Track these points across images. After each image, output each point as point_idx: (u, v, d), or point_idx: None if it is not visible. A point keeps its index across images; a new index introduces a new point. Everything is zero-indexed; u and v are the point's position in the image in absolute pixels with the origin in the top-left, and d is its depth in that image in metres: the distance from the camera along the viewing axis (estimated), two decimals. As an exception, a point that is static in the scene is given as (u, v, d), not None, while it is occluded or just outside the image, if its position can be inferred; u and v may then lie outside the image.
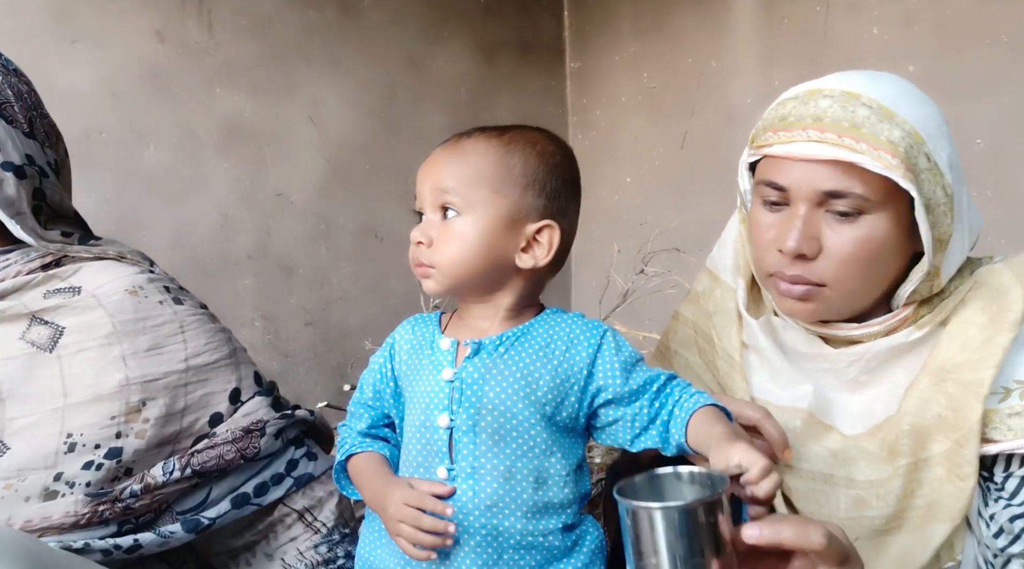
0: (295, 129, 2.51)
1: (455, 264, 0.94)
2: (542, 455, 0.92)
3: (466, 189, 0.93)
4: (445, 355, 0.95)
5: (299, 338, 2.52)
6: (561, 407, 0.93)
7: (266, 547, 1.09)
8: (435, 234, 0.94)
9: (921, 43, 2.10)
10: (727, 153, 2.69)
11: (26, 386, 1.00)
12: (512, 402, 0.92)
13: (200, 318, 1.10)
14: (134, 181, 2.21)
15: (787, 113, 0.97)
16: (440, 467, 0.92)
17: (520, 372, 0.93)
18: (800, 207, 0.96)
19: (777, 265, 0.99)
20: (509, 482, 0.91)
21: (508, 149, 0.95)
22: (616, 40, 3.02)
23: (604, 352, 0.94)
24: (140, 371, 1.02)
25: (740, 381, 1.08)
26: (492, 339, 0.95)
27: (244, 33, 2.40)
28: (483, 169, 0.94)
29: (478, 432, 0.91)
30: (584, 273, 3.17)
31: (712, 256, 1.21)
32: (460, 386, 0.93)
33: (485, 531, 0.90)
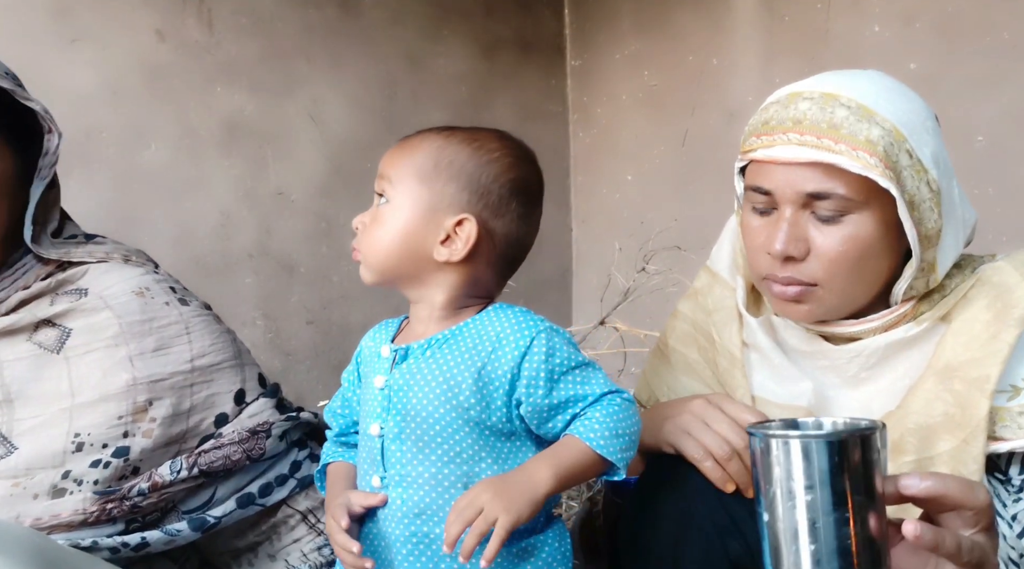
0: (296, 128, 2.51)
1: (376, 250, 0.97)
2: (470, 461, 0.89)
3: (396, 177, 0.96)
4: (384, 362, 0.96)
5: (300, 337, 2.52)
6: (488, 411, 0.90)
7: (269, 548, 1.10)
8: (368, 220, 0.99)
9: (922, 41, 2.10)
10: (728, 151, 2.69)
11: (34, 387, 1.01)
12: (434, 407, 0.90)
13: (205, 319, 1.11)
14: (135, 180, 2.21)
15: (769, 117, 0.99)
16: (375, 476, 0.92)
17: (442, 376, 0.91)
18: (786, 210, 0.98)
19: (769, 268, 1.01)
20: (436, 489, 0.89)
21: (446, 143, 0.97)
22: (617, 38, 3.02)
23: (532, 356, 0.89)
24: (147, 371, 1.03)
25: (740, 378, 1.08)
26: (420, 343, 0.94)
27: (244, 32, 2.40)
28: (416, 160, 0.96)
29: (404, 439, 0.90)
30: (585, 272, 3.17)
31: (712, 255, 1.23)
32: (389, 394, 0.92)
33: (416, 539, 0.88)
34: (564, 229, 3.20)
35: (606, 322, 2.19)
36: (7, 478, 0.96)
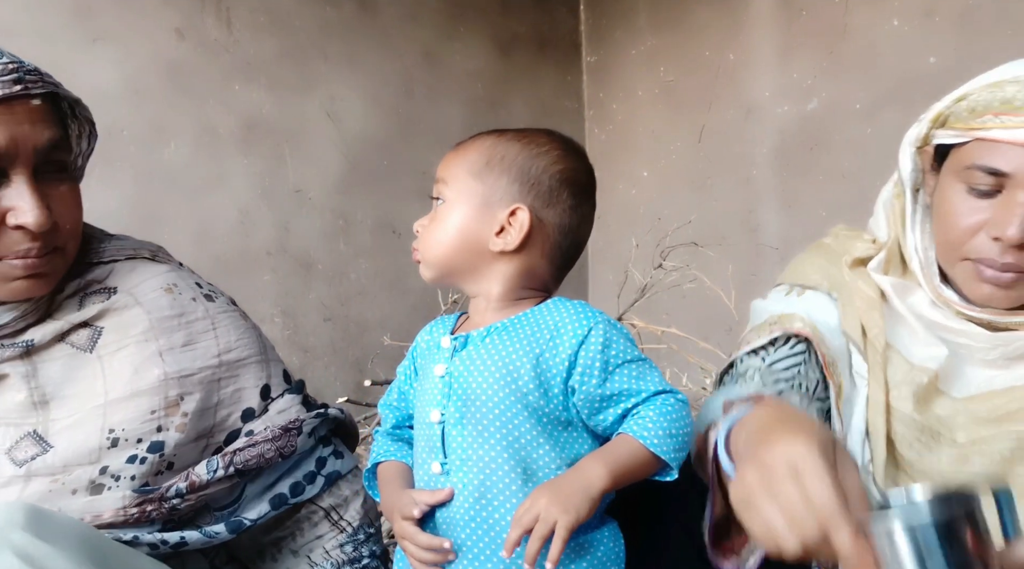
0: (313, 125, 2.53)
1: (435, 248, 0.99)
2: (527, 446, 0.91)
3: (451, 178, 0.99)
4: (444, 352, 0.97)
5: (318, 333, 2.54)
6: (546, 398, 0.91)
7: (292, 544, 1.10)
8: (427, 222, 1.01)
9: (942, 34, 2.08)
10: (745, 146, 2.69)
11: (69, 387, 1.01)
12: (494, 391, 0.92)
13: (231, 315, 1.12)
14: (155, 178, 2.24)
15: (1011, 96, 0.94)
16: (434, 462, 0.94)
17: (502, 362, 0.93)
18: (1020, 194, 0.94)
19: (985, 251, 0.97)
20: (496, 473, 0.91)
21: (497, 141, 0.99)
22: (633, 34, 3.01)
23: (588, 345, 0.91)
24: (177, 366, 1.03)
25: (878, 319, 1.07)
26: (479, 331, 0.96)
27: (263, 30, 2.42)
28: (469, 159, 0.98)
29: (465, 424, 0.92)
30: (601, 268, 3.17)
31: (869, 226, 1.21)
32: (449, 380, 0.94)
33: (478, 521, 0.91)
34: (580, 226, 3.20)
35: (623, 319, 2.19)
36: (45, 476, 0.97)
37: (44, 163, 0.94)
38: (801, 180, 2.45)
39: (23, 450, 0.99)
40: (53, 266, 0.98)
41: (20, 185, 0.91)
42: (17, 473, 0.98)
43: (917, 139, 1.06)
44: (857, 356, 1.06)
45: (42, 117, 0.93)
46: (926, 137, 1.05)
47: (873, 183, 2.25)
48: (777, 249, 2.51)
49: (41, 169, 0.94)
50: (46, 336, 1.00)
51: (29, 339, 0.99)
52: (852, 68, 2.31)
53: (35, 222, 0.91)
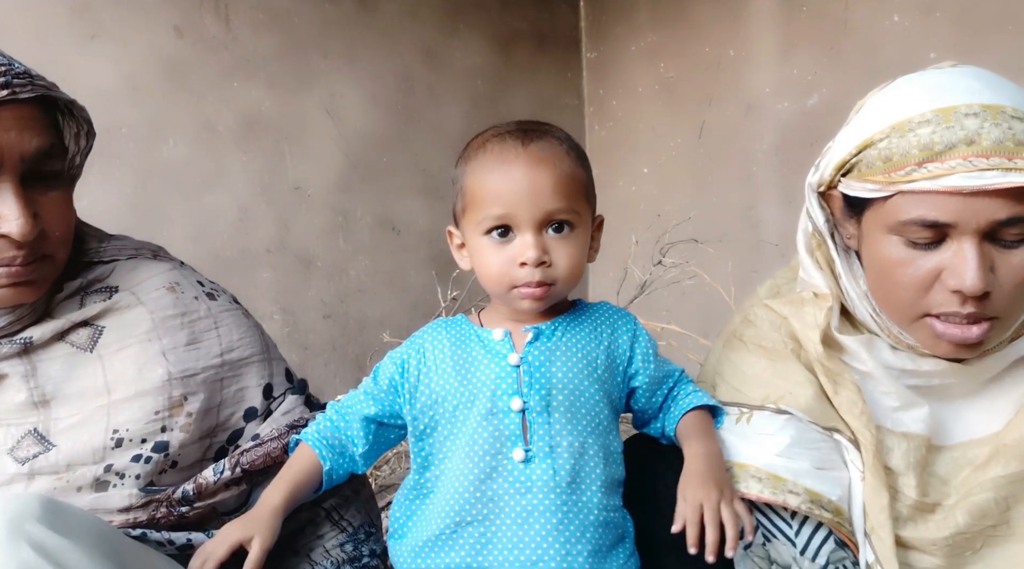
0: (313, 122, 2.52)
1: (574, 277, 0.98)
2: (606, 432, 0.97)
3: (574, 203, 0.97)
4: (503, 344, 0.98)
5: (318, 331, 2.54)
6: (612, 384, 0.99)
7: (292, 544, 1.10)
8: (555, 250, 0.96)
9: (942, 30, 2.07)
10: (745, 143, 2.69)
11: (69, 386, 1.01)
12: (579, 379, 0.96)
13: (233, 313, 1.12)
14: (154, 175, 2.23)
15: (931, 141, 0.87)
16: (516, 449, 0.94)
17: (581, 352, 0.98)
18: (968, 241, 0.87)
19: (946, 305, 0.90)
20: (583, 458, 0.94)
21: (579, 153, 1.01)
22: (633, 30, 3.01)
23: (640, 337, 1.02)
24: (180, 366, 1.03)
25: (857, 398, 0.98)
26: (547, 324, 0.99)
27: (261, 27, 2.41)
28: (578, 179, 0.98)
29: (551, 411, 0.95)
30: (601, 264, 3.16)
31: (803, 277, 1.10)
32: (528, 369, 0.96)
33: (567, 508, 0.92)
34: (580, 222, 3.20)
35: (623, 315, 2.19)
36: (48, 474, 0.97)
37: (33, 170, 0.92)
38: (801, 176, 2.43)
39: (25, 449, 0.99)
40: (41, 274, 0.96)
41: (5, 193, 0.89)
42: (20, 470, 0.98)
43: (819, 185, 1.00)
44: (850, 447, 0.99)
45: (31, 123, 0.91)
46: (831, 182, 0.99)
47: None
48: (777, 245, 2.51)
49: (30, 176, 0.92)
50: (45, 335, 0.99)
51: (27, 336, 0.99)
52: (853, 64, 2.30)
53: (19, 232, 0.89)
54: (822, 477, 0.96)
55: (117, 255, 1.08)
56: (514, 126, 1.00)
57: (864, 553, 0.95)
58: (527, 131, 0.99)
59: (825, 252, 1.03)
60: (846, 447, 0.98)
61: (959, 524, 0.95)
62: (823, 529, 0.95)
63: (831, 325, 1.00)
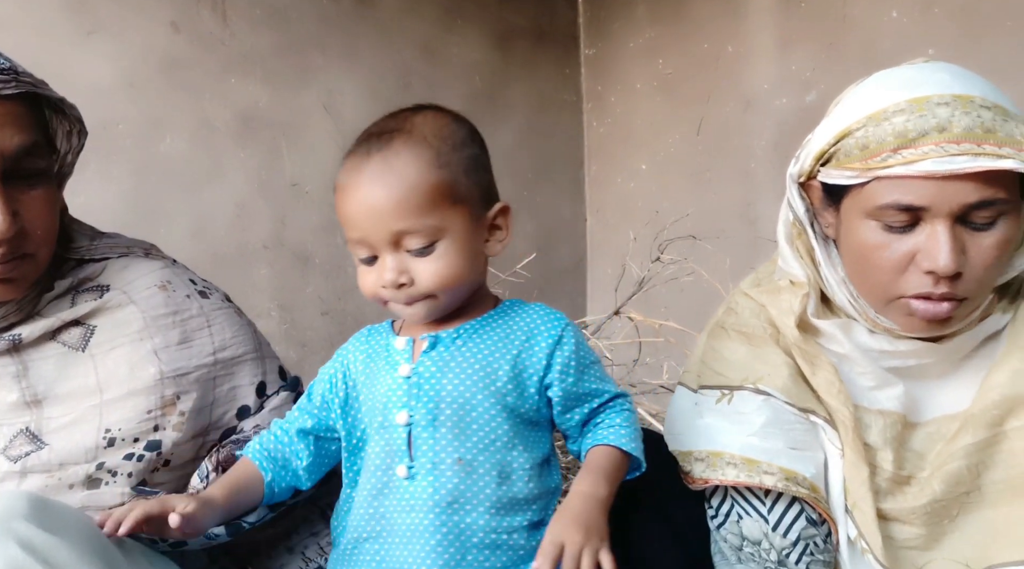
0: (310, 119, 2.51)
1: (451, 284, 0.91)
2: (504, 449, 0.90)
3: (427, 215, 0.89)
4: (401, 354, 0.94)
5: (315, 328, 2.54)
6: (523, 399, 0.92)
7: (287, 541, 1.10)
8: (416, 268, 0.90)
9: (941, 27, 2.07)
10: (744, 139, 2.68)
11: (61, 386, 1.01)
12: (472, 393, 0.90)
13: (226, 312, 1.12)
14: (151, 172, 2.23)
15: (905, 129, 0.92)
16: (400, 465, 0.90)
17: (479, 363, 0.92)
18: (940, 224, 0.91)
19: (920, 286, 0.94)
20: (471, 476, 0.89)
21: (437, 151, 0.92)
22: (631, 26, 3.00)
23: (564, 346, 0.93)
24: (173, 365, 1.03)
25: (835, 379, 1.02)
26: (449, 332, 0.94)
27: (259, 23, 2.40)
28: (432, 186, 0.89)
29: (437, 426, 0.90)
30: (599, 261, 3.16)
31: (781, 268, 1.14)
32: (418, 381, 0.92)
33: (446, 529, 0.87)
34: (579, 219, 3.19)
35: (620, 312, 2.19)
36: (40, 472, 0.97)
37: (15, 168, 0.91)
38: (800, 173, 2.44)
39: (17, 447, 0.99)
40: (21, 272, 0.96)
41: None
42: (12, 469, 0.98)
43: (800, 175, 1.04)
44: (826, 426, 1.02)
45: (13, 120, 0.90)
46: (810, 173, 1.03)
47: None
48: (775, 242, 2.50)
49: (11, 173, 0.91)
50: (34, 333, 0.99)
51: (16, 334, 0.99)
52: (851, 60, 2.30)
53: None
54: (796, 456, 1.00)
55: (108, 253, 1.07)
56: (370, 132, 0.94)
57: (846, 528, 0.99)
58: (376, 139, 0.92)
59: (805, 241, 1.06)
60: (823, 427, 1.02)
61: (935, 492, 0.99)
62: (795, 506, 1.00)
63: (808, 311, 1.04)
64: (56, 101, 0.97)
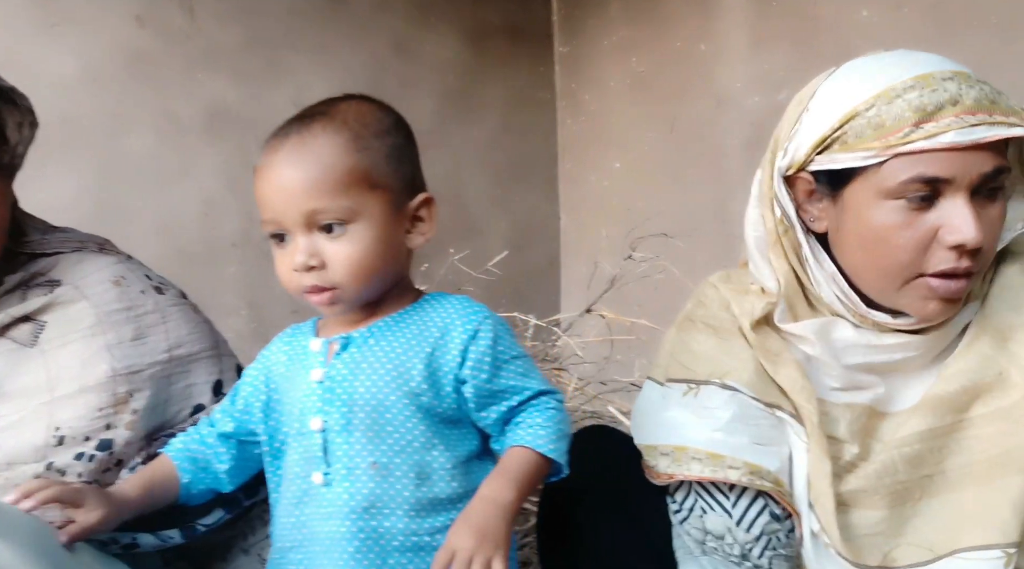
0: (281, 115, 2.42)
1: (361, 274, 0.89)
2: (422, 449, 0.88)
3: (343, 198, 0.87)
4: (316, 356, 0.92)
5: (285, 326, 2.49)
6: (439, 398, 0.90)
7: (243, 543, 1.09)
8: (328, 252, 0.88)
9: (911, 26, 2.08)
10: (717, 137, 2.68)
11: (10, 383, 0.99)
12: (384, 395, 0.88)
13: (181, 308, 1.10)
14: (115, 167, 2.19)
15: (922, 103, 0.91)
16: (316, 472, 0.88)
17: (391, 363, 0.89)
18: (961, 197, 0.91)
19: (944, 262, 0.92)
20: (387, 479, 0.86)
21: (356, 134, 0.90)
22: (605, 24, 3.00)
23: (479, 341, 0.90)
24: (126, 361, 1.02)
25: (800, 378, 1.00)
26: (361, 331, 0.92)
27: (227, 17, 2.37)
28: (349, 168, 0.88)
29: (351, 430, 0.88)
30: (573, 259, 3.16)
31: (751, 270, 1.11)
32: (331, 385, 0.89)
33: (364, 535, 0.86)
34: (552, 217, 3.19)
35: (592, 310, 2.18)
36: None
37: None
38: (772, 171, 2.45)
39: None
40: None
41: None
42: None
43: (789, 168, 1.02)
44: (792, 421, 1.01)
45: None
46: (802, 164, 1.00)
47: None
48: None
49: None
50: None
51: None
52: (822, 59, 2.29)
53: None
54: (760, 451, 0.99)
55: (60, 248, 1.05)
56: (294, 117, 0.93)
57: (808, 522, 0.98)
58: (297, 122, 0.91)
59: (792, 238, 1.03)
60: (788, 422, 1.01)
61: (893, 460, 0.98)
62: (759, 501, 0.99)
63: (775, 318, 1.03)
64: (6, 91, 0.95)
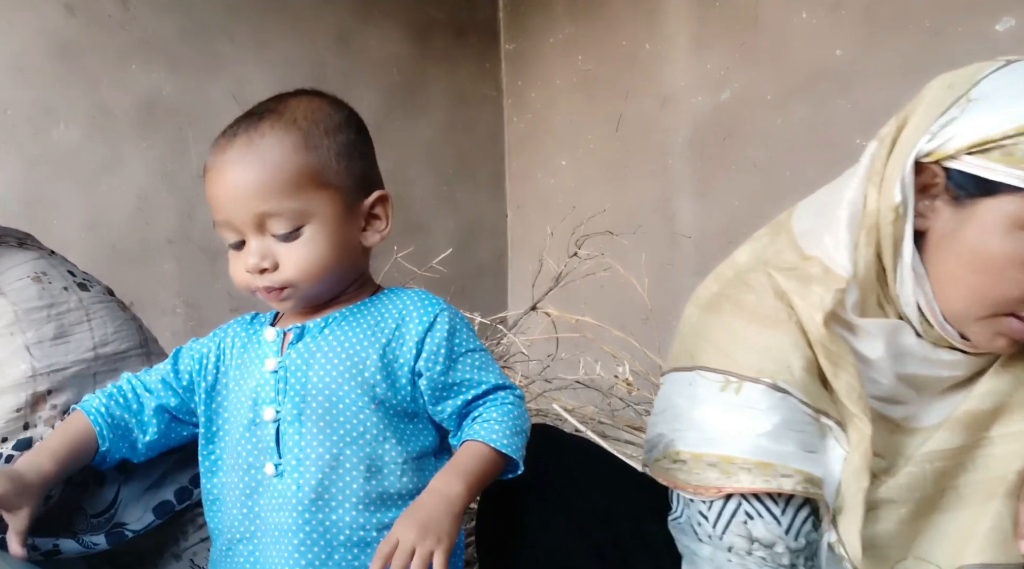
0: (218, 108, 2.42)
1: (314, 275, 0.88)
2: (374, 442, 0.87)
3: (293, 198, 0.86)
4: (270, 346, 0.91)
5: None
6: (394, 390, 0.89)
7: (174, 548, 1.05)
8: (280, 253, 0.87)
9: (848, 27, 2.13)
10: (661, 136, 2.71)
11: None
12: (337, 385, 0.87)
13: (107, 305, 1.06)
14: (43, 161, 2.11)
15: None
16: (268, 463, 0.87)
17: (345, 353, 0.88)
18: None
19: None
20: (336, 471, 0.85)
21: (306, 133, 0.88)
22: (551, 22, 3.00)
23: (435, 333, 0.89)
24: (46, 361, 0.97)
25: (856, 383, 0.93)
26: (316, 321, 0.91)
27: (162, 8, 2.30)
28: (299, 168, 0.86)
29: (304, 421, 0.87)
30: (520, 257, 3.15)
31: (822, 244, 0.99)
32: (284, 375, 0.88)
33: (310, 528, 0.85)
34: (499, 215, 3.18)
35: (538, 307, 2.18)
36: None
37: None
38: (714, 170, 2.48)
39: None
40: None
41: None
42: None
43: (929, 154, 0.91)
44: (837, 429, 0.95)
45: None
46: (944, 157, 0.90)
47: (783, 173, 2.30)
48: (691, 238, 2.54)
49: None
50: None
51: None
52: (763, 60, 2.34)
53: None
54: (809, 459, 0.92)
55: None
56: (243, 114, 0.90)
57: (826, 534, 0.94)
58: (245, 120, 0.89)
59: (898, 231, 0.93)
60: (832, 430, 0.95)
61: (924, 474, 0.95)
62: (805, 510, 0.93)
63: (847, 307, 0.93)
64: None
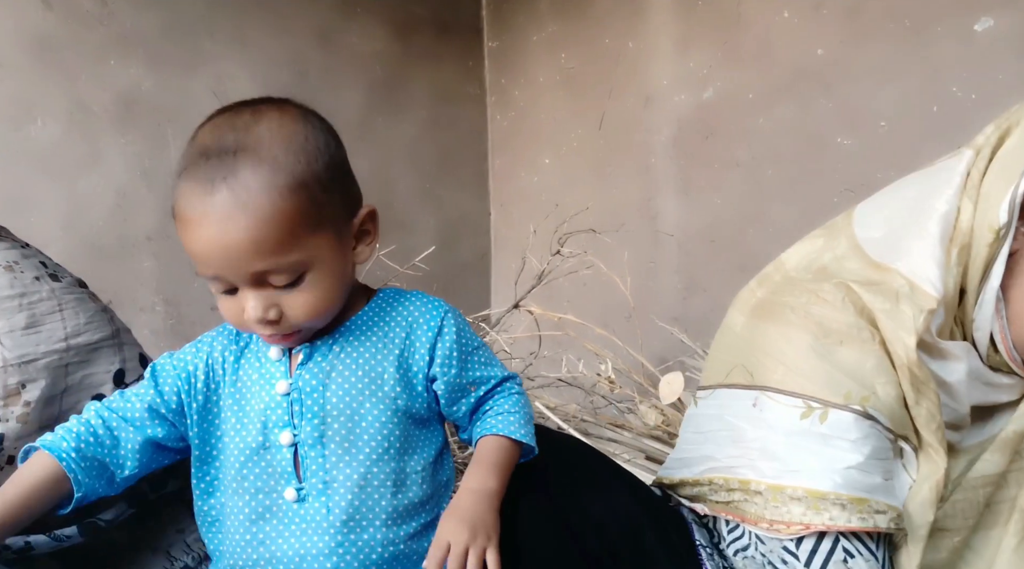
0: (198, 105, 2.39)
1: (321, 314, 0.85)
2: (399, 455, 0.86)
3: (290, 249, 0.80)
4: (277, 366, 0.88)
5: (204, 323, 2.41)
6: (412, 398, 0.88)
7: (151, 540, 1.04)
8: (284, 302, 0.82)
9: (830, 27, 2.14)
10: (644, 134, 2.71)
11: None
12: (359, 402, 0.85)
13: (79, 296, 1.04)
14: (20, 157, 2.08)
15: None
16: (288, 488, 0.85)
17: (362, 370, 0.87)
18: None
19: None
20: (365, 490, 0.84)
21: (290, 172, 0.80)
22: (535, 20, 2.99)
23: (444, 337, 0.89)
24: (18, 351, 0.96)
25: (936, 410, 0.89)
26: (324, 339, 0.88)
27: (141, 3, 2.28)
28: (290, 214, 0.79)
29: (326, 443, 0.84)
30: (503, 255, 3.15)
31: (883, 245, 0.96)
32: (299, 397, 0.85)
33: (343, 549, 0.83)
34: (483, 213, 3.17)
35: (520, 305, 2.17)
36: None
37: None
38: (697, 168, 2.49)
39: None
40: None
41: None
42: None
43: None
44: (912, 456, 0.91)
45: None
46: None
47: (765, 172, 2.30)
48: (673, 236, 2.54)
49: None
50: None
51: None
52: (745, 59, 2.35)
53: None
54: (890, 488, 0.88)
55: None
56: (208, 150, 0.80)
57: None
58: (218, 163, 0.79)
59: (993, 252, 0.89)
60: (905, 452, 0.91)
61: (978, 500, 0.95)
62: (890, 543, 0.90)
63: (932, 328, 0.89)
64: None
